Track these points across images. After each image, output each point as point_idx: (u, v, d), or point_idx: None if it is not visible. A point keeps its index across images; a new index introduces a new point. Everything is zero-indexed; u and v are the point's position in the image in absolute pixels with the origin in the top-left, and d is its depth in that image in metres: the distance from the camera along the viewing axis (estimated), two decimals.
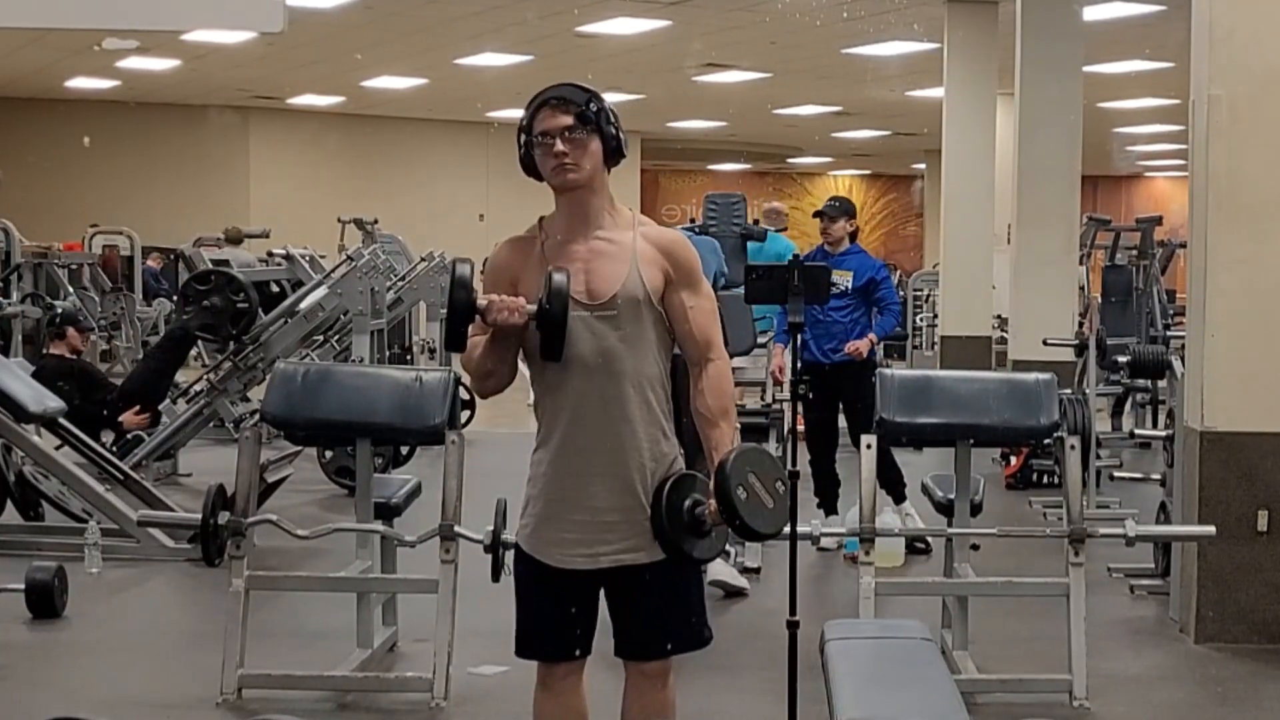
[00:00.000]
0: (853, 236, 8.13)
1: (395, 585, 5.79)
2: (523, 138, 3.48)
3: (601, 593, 3.54)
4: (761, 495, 3.32)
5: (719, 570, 6.77)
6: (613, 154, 3.49)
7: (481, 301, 3.36)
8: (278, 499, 7.84)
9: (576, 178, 3.44)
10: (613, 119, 3.48)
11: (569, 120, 3.43)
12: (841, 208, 8.14)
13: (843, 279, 7.77)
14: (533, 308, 3.36)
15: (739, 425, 7.84)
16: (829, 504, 7.99)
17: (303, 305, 10.09)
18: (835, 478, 8.02)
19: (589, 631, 3.55)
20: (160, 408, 10.33)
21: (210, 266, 12.10)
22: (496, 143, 25.69)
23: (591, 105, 3.45)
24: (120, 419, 9.76)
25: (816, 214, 8.07)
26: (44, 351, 10.38)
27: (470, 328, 3.44)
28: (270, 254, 13.30)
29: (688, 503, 3.37)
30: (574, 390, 3.43)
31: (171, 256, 19.24)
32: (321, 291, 10.14)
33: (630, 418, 3.42)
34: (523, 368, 3.57)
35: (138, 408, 9.80)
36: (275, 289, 12.70)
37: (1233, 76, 6.04)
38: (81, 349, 10.63)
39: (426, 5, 15.34)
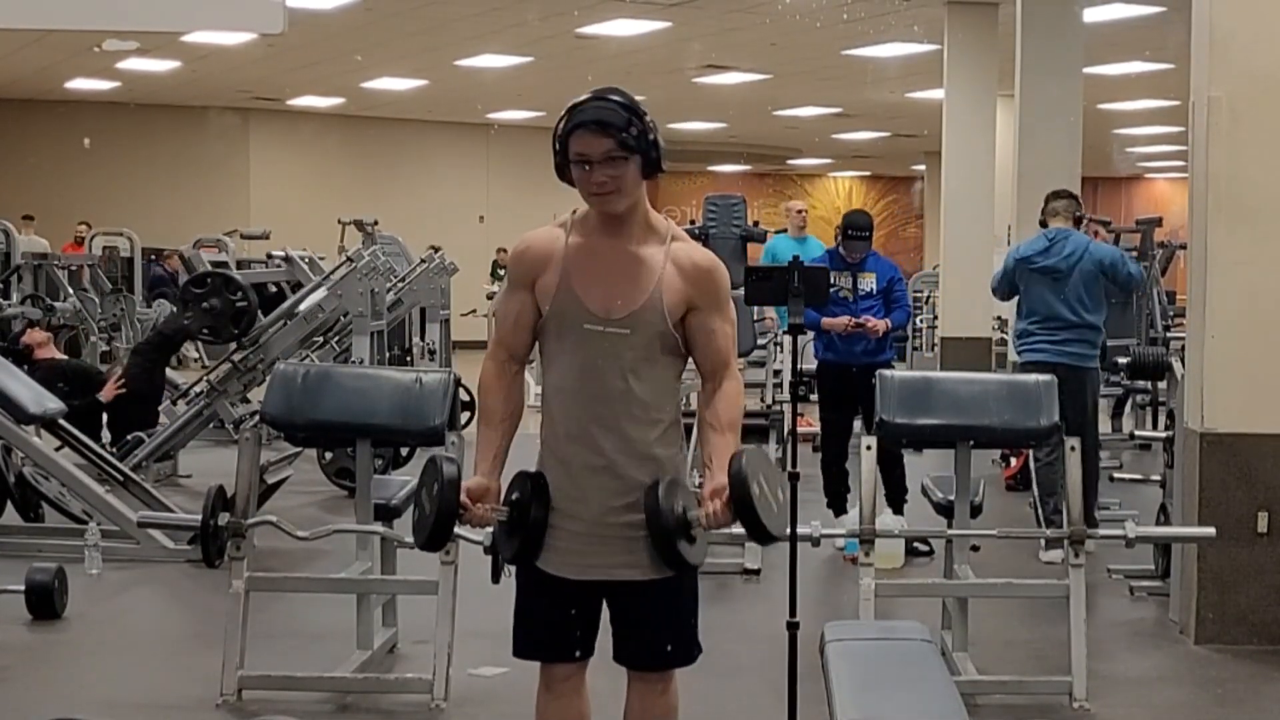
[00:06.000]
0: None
1: (395, 586, 5.80)
2: (557, 146, 3.33)
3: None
4: (769, 497, 3.33)
5: None
6: (652, 168, 3.37)
7: (462, 507, 3.36)
8: (278, 500, 7.85)
9: (617, 204, 3.35)
10: (653, 134, 3.34)
11: (608, 146, 3.28)
12: (871, 232, 8.28)
13: (867, 281, 8.18)
14: (504, 513, 3.39)
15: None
16: (839, 504, 8.18)
17: (302, 307, 10.11)
18: (846, 478, 8.18)
19: (589, 634, 3.53)
20: (160, 409, 10.33)
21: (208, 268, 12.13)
22: (496, 144, 25.71)
23: (632, 129, 3.29)
24: (100, 394, 9.81)
25: (849, 237, 8.12)
26: (32, 359, 10.36)
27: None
28: (269, 255, 13.27)
29: (678, 508, 3.37)
30: (580, 402, 3.40)
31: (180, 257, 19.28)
32: (321, 293, 10.16)
33: (634, 435, 3.39)
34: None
35: (115, 378, 9.92)
36: (274, 289, 12.70)
37: (1233, 78, 6.04)
38: (49, 336, 10.74)
39: (426, 6, 15.33)
